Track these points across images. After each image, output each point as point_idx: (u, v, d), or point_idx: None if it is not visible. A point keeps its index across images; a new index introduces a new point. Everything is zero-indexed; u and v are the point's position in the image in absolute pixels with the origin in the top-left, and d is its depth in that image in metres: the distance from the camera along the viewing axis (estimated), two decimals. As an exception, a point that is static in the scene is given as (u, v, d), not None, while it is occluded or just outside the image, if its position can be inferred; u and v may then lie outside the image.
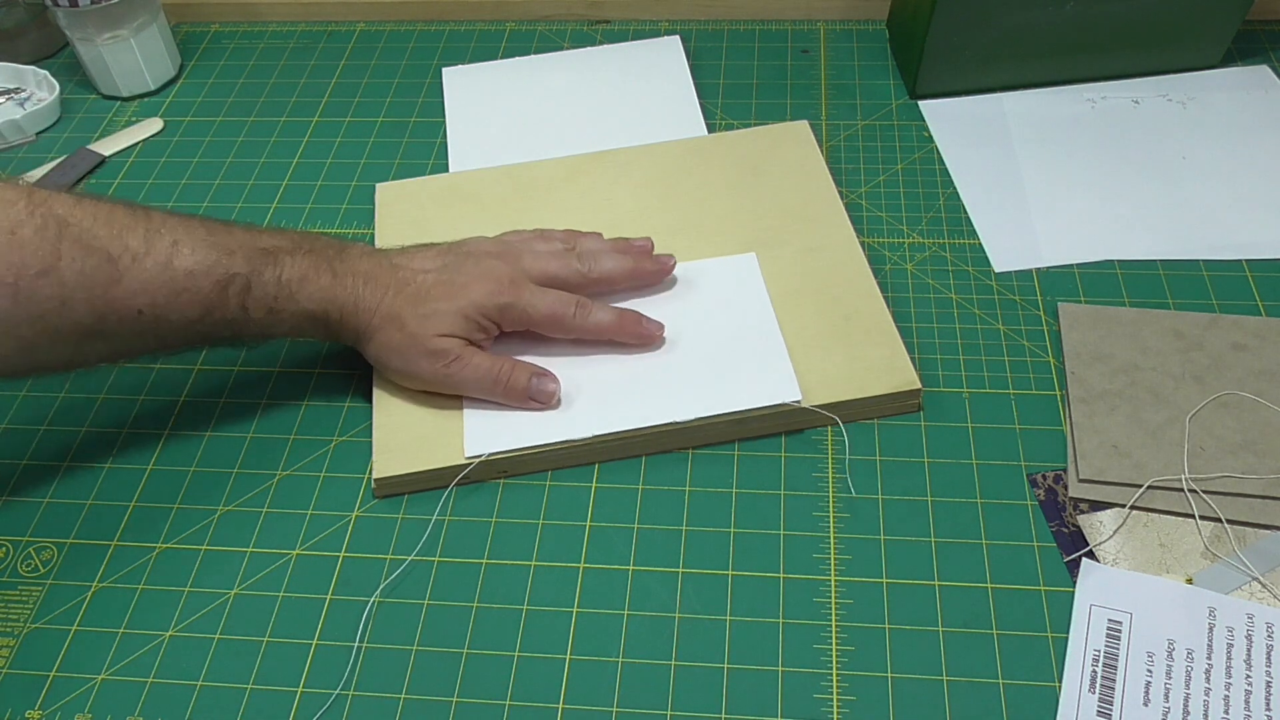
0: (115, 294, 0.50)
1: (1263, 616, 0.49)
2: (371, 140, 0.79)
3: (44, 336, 0.49)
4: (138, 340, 0.53)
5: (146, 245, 0.51)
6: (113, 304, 0.50)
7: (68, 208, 0.50)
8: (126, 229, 0.51)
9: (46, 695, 0.50)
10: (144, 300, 0.51)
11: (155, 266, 0.51)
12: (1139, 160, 0.72)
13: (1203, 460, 0.54)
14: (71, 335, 0.50)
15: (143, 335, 0.52)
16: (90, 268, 0.49)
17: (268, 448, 0.60)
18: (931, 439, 0.57)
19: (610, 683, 0.49)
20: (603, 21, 0.88)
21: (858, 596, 0.51)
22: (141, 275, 0.51)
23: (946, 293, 0.64)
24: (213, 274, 0.52)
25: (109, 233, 0.50)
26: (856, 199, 0.71)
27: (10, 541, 0.56)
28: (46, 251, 0.48)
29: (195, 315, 0.53)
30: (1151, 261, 0.65)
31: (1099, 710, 0.46)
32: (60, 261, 0.49)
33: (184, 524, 0.56)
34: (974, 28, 0.73)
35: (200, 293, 0.52)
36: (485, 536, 0.55)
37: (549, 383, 0.56)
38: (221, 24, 0.92)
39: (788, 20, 0.86)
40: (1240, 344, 0.59)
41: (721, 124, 0.77)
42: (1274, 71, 0.77)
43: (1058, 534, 0.52)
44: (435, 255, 0.58)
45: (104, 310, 0.50)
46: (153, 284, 0.51)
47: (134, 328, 0.52)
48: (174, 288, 0.51)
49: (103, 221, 0.51)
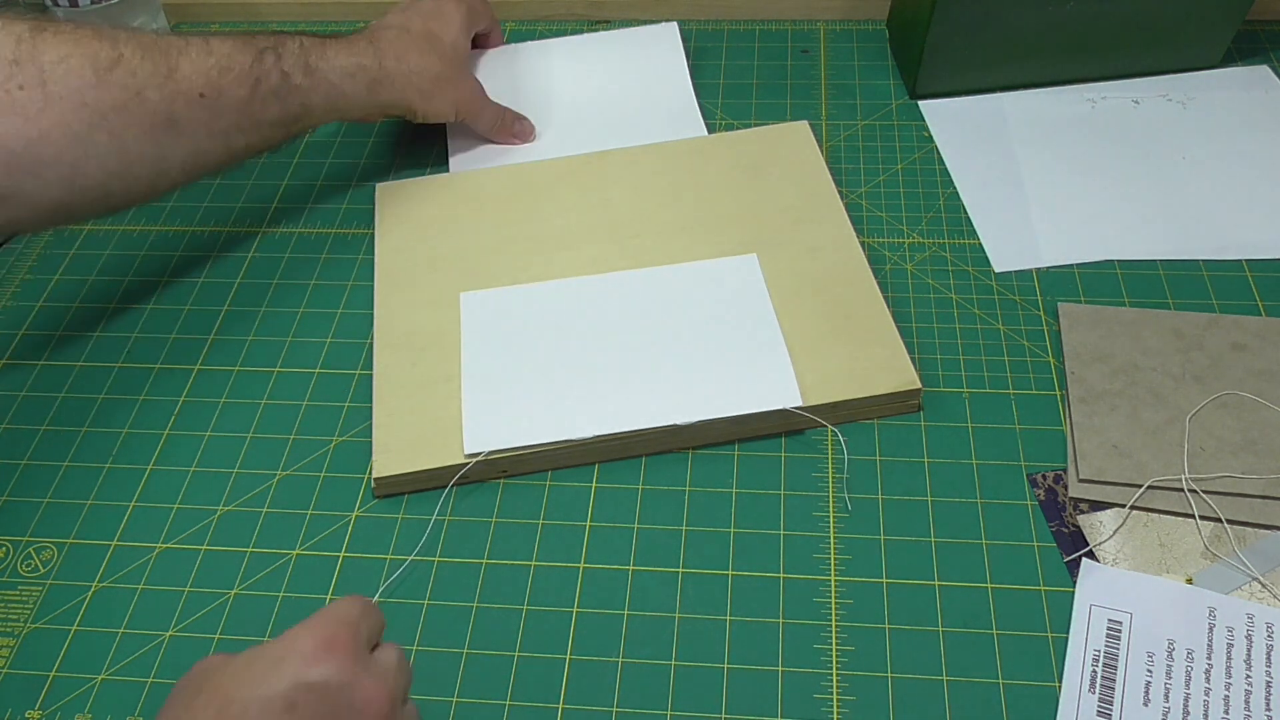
0: (176, 79, 0.57)
1: (1263, 616, 0.49)
2: (371, 140, 0.79)
3: (130, 128, 0.56)
4: (204, 128, 0.59)
5: (185, 40, 0.59)
6: (178, 88, 0.57)
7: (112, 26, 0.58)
8: (166, 34, 0.60)
9: (46, 695, 0.50)
10: (200, 82, 0.58)
11: (199, 53, 0.59)
12: (1139, 160, 0.72)
13: (1203, 460, 0.54)
14: (150, 126, 0.57)
15: (209, 121, 0.59)
16: (150, 59, 0.57)
17: (268, 448, 0.60)
18: (931, 439, 0.57)
19: (610, 683, 0.49)
20: (603, 21, 0.88)
21: (858, 596, 0.51)
22: (191, 61, 0.58)
23: (946, 293, 0.64)
24: (246, 50, 0.60)
25: (152, 36, 0.58)
26: (856, 199, 0.71)
27: (10, 541, 0.56)
28: (109, 47, 0.56)
29: (246, 92, 0.60)
30: (1151, 261, 0.65)
31: (1099, 710, 0.46)
32: (124, 55, 0.56)
33: (184, 524, 0.56)
34: (974, 28, 0.73)
35: (243, 69, 0.59)
36: (485, 536, 0.55)
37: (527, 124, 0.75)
38: (221, 24, 0.92)
39: (788, 20, 0.86)
40: (1240, 344, 0.59)
41: (721, 124, 0.77)
42: (1274, 71, 0.77)
43: (1058, 534, 0.52)
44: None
45: (172, 95, 0.57)
46: (203, 66, 0.58)
47: (200, 114, 0.58)
48: (221, 66, 0.59)
49: (145, 31, 0.59)
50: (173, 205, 0.75)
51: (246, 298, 0.68)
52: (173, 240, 0.72)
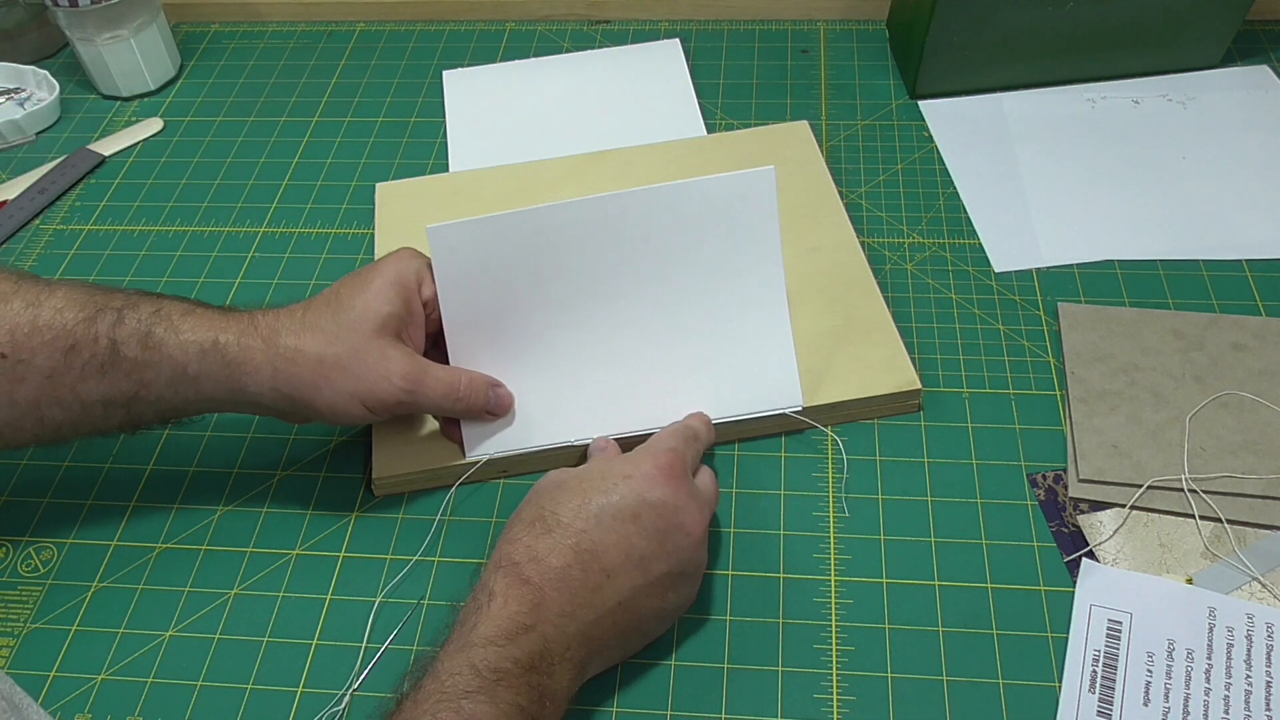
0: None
1: (1263, 616, 0.49)
2: (371, 140, 0.79)
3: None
4: (4, 395, 0.47)
5: (17, 287, 0.48)
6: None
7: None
8: (4, 277, 0.49)
9: (46, 695, 0.50)
10: (4, 339, 0.47)
11: (21, 304, 0.48)
12: (1139, 160, 0.72)
13: (1203, 460, 0.54)
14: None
15: (7, 387, 0.47)
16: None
17: (268, 448, 0.59)
18: (931, 439, 0.57)
19: (610, 683, 0.49)
20: (603, 21, 0.88)
21: (858, 596, 0.51)
22: (4, 314, 0.47)
23: (946, 293, 0.64)
24: (82, 308, 0.48)
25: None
26: (856, 199, 0.71)
27: (10, 541, 0.56)
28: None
29: (59, 355, 0.47)
30: (1151, 261, 0.65)
31: (1099, 710, 0.46)
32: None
33: (184, 524, 0.56)
34: (974, 28, 0.73)
35: (64, 328, 0.47)
36: (485, 536, 0.55)
37: (505, 394, 0.55)
38: (221, 24, 0.92)
39: (788, 20, 0.86)
40: (1240, 344, 0.59)
41: (721, 124, 0.77)
42: (1274, 71, 0.77)
43: (1058, 534, 0.52)
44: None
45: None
46: (14, 321, 0.47)
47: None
48: (36, 325, 0.47)
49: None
50: (173, 205, 0.75)
51: (246, 298, 0.68)
52: (173, 240, 0.72)
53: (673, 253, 0.54)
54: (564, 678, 0.43)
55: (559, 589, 0.44)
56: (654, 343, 0.56)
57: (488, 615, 0.43)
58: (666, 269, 0.54)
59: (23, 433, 0.49)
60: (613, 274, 0.54)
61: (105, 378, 0.48)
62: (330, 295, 0.51)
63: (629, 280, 0.55)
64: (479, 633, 0.42)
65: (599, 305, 0.55)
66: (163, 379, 0.49)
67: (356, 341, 0.49)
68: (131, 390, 0.49)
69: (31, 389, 0.48)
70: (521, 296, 0.54)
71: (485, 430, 0.56)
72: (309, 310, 0.50)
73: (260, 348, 0.49)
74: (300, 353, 0.49)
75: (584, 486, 0.47)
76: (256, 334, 0.49)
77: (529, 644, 0.42)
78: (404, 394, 0.50)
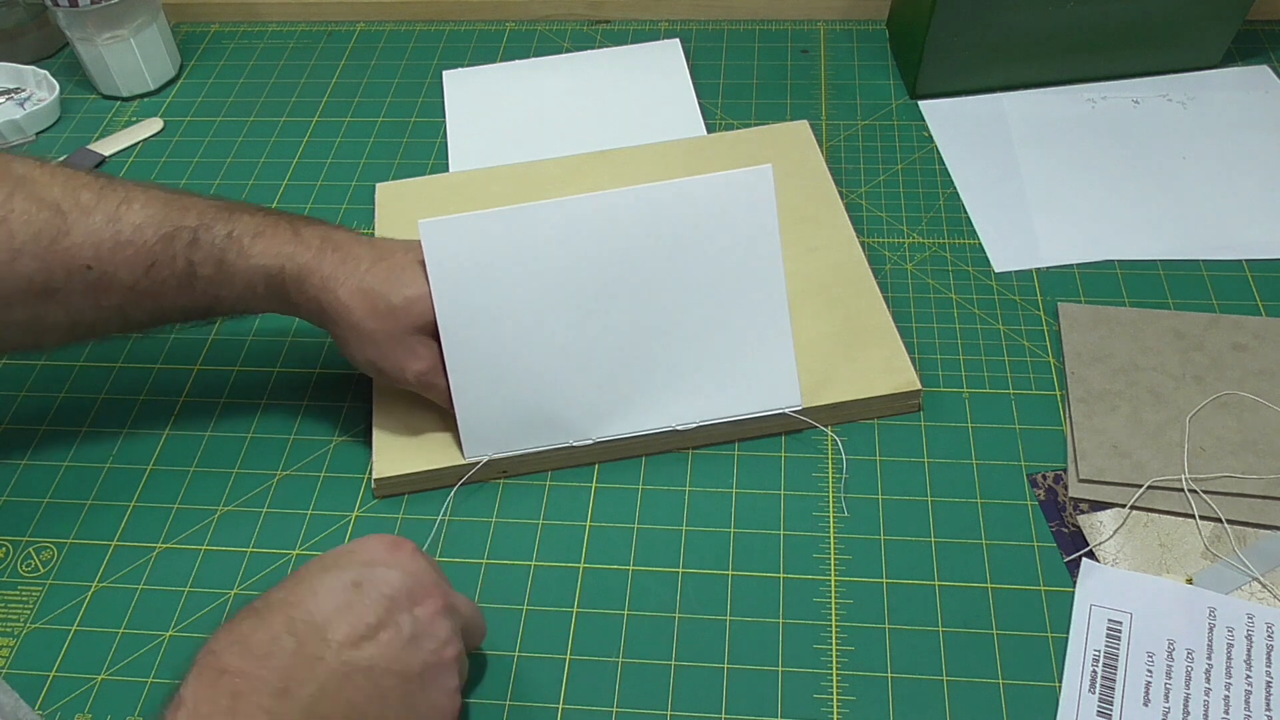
0: (63, 246, 0.50)
1: (1263, 616, 0.49)
2: (371, 140, 0.79)
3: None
4: (89, 301, 0.51)
5: (98, 200, 0.51)
6: (60, 257, 0.50)
7: (27, 168, 0.51)
8: (83, 187, 0.51)
9: (46, 695, 0.50)
10: (90, 254, 0.50)
11: (102, 219, 0.50)
12: (1139, 160, 0.72)
13: (1203, 460, 0.54)
14: (23, 293, 0.50)
15: (94, 295, 0.51)
16: (39, 221, 0.49)
17: (268, 448, 0.59)
18: (931, 439, 0.57)
19: (610, 683, 0.49)
20: (603, 21, 0.88)
21: (858, 596, 0.51)
22: (88, 228, 0.50)
23: (946, 293, 0.64)
24: (160, 226, 0.51)
25: (63, 190, 0.51)
26: (856, 199, 0.71)
27: (10, 541, 0.56)
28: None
29: (140, 271, 0.51)
30: (1151, 261, 0.65)
31: (1099, 710, 0.46)
32: (11, 214, 0.49)
33: (184, 524, 0.56)
34: (974, 28, 0.73)
35: (144, 245, 0.51)
36: (485, 536, 0.55)
37: None
38: (221, 24, 0.92)
39: (788, 20, 0.86)
40: (1240, 344, 0.59)
41: (721, 124, 0.77)
42: (1274, 71, 0.77)
43: (1058, 534, 0.52)
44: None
45: (52, 264, 0.50)
46: (98, 235, 0.50)
47: (82, 284, 0.51)
48: (119, 240, 0.50)
49: (60, 181, 0.51)
50: (173, 205, 0.75)
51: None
52: (173, 240, 0.72)
53: (671, 252, 0.54)
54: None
55: (267, 664, 0.38)
56: (653, 342, 0.55)
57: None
58: (664, 268, 0.54)
59: (108, 329, 0.54)
60: (610, 273, 0.54)
61: (183, 292, 0.52)
62: (394, 266, 0.53)
63: (626, 279, 0.54)
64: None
65: (597, 304, 0.55)
66: (234, 295, 0.53)
67: (394, 328, 0.52)
68: (207, 303, 0.53)
69: (116, 297, 0.52)
70: (517, 294, 0.54)
71: (485, 431, 0.56)
72: (370, 272, 0.52)
73: (313, 293, 0.52)
74: (346, 311, 0.52)
75: (300, 571, 0.42)
76: (316, 274, 0.52)
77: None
78: (413, 387, 0.54)
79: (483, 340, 0.54)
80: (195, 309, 0.54)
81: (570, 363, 0.55)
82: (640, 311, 0.55)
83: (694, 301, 0.55)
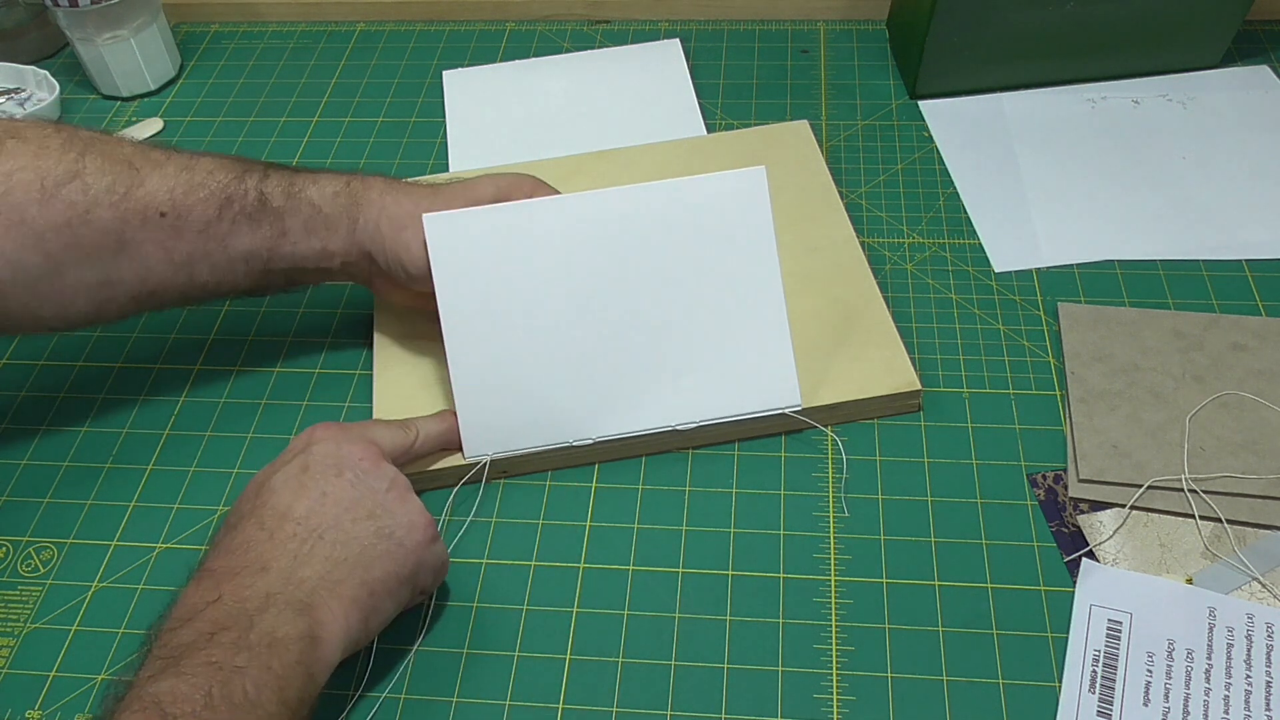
0: (137, 195, 0.52)
1: (1263, 616, 0.49)
2: (371, 140, 0.79)
3: (70, 250, 0.51)
4: (160, 254, 0.53)
5: (168, 156, 0.54)
6: (135, 205, 0.52)
7: (95, 133, 0.53)
8: (152, 148, 0.54)
9: (46, 695, 0.50)
10: (164, 198, 0.52)
11: (176, 168, 0.53)
12: (1139, 160, 0.72)
13: (1203, 460, 0.54)
14: (98, 248, 0.51)
15: (166, 245, 0.53)
16: (112, 173, 0.51)
17: (268, 447, 0.59)
18: (931, 439, 0.57)
19: (610, 683, 0.49)
20: (603, 21, 0.88)
21: (858, 596, 0.51)
22: (163, 175, 0.53)
23: (946, 293, 0.64)
24: (231, 169, 0.55)
25: (134, 149, 0.53)
26: (856, 199, 0.71)
27: (10, 541, 0.56)
28: (71, 160, 0.51)
29: (213, 212, 0.53)
30: (1151, 261, 0.65)
31: (1099, 710, 0.46)
32: (84, 169, 0.51)
33: (184, 524, 0.56)
34: (974, 28, 0.73)
35: (218, 186, 0.53)
36: (485, 536, 0.55)
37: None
38: (221, 24, 0.92)
39: (788, 20, 0.86)
40: (1240, 344, 0.59)
41: (721, 124, 0.77)
42: (1274, 71, 0.77)
43: (1058, 534, 0.52)
44: None
45: (127, 213, 0.51)
46: (172, 180, 0.53)
47: (156, 233, 0.52)
48: (193, 183, 0.53)
49: (129, 142, 0.54)
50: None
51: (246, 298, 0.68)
52: (173, 240, 0.72)
53: (668, 251, 0.54)
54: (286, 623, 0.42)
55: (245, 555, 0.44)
56: (652, 341, 0.55)
57: (168, 619, 0.42)
58: (662, 267, 0.55)
59: (172, 291, 0.55)
60: (610, 271, 0.54)
61: (253, 227, 0.54)
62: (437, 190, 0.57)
63: (626, 278, 0.55)
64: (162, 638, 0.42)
65: (596, 302, 0.55)
66: (300, 223, 0.55)
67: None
68: (273, 239, 0.55)
69: (187, 244, 0.53)
70: (518, 292, 0.54)
71: (485, 431, 0.56)
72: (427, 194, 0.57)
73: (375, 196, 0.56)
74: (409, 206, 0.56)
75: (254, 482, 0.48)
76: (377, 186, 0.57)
77: (213, 614, 0.42)
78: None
79: (483, 337, 0.55)
80: (260, 248, 0.55)
81: (570, 361, 0.56)
82: (639, 310, 0.55)
83: (692, 300, 0.55)
